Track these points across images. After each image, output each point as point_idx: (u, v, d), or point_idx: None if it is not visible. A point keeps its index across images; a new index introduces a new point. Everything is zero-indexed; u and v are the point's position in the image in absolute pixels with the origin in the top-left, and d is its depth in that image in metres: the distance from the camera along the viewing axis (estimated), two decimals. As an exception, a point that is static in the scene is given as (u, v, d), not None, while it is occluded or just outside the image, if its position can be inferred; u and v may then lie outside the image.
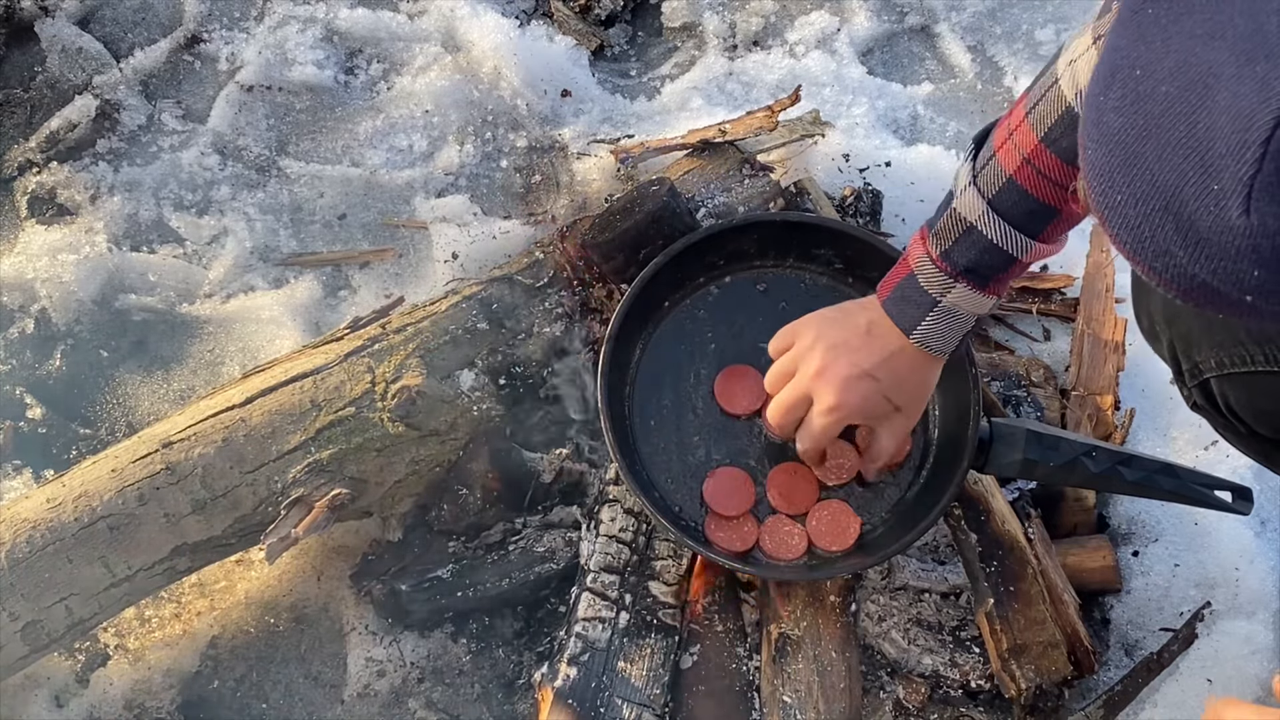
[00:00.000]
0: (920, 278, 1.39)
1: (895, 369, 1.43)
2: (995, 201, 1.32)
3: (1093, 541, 1.77)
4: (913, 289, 1.39)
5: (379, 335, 1.71)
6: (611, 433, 1.60)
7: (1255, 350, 1.34)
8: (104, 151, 2.17)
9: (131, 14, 2.31)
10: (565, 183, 2.07)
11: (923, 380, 1.47)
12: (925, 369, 1.46)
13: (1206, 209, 0.76)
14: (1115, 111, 0.81)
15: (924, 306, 1.39)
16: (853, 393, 1.44)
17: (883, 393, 1.44)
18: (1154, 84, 0.79)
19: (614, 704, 1.57)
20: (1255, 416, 1.40)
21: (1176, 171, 0.77)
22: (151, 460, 1.60)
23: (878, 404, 1.46)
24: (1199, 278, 0.80)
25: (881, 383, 1.43)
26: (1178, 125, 0.77)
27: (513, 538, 1.72)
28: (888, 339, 1.42)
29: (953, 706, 1.65)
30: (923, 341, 1.40)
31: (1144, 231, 0.81)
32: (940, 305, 1.38)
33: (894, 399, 1.46)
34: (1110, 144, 0.82)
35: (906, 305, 1.40)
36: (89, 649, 1.74)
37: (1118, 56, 0.82)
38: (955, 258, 1.35)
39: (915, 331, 1.40)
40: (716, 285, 1.75)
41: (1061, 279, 2.00)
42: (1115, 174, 0.81)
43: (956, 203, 1.35)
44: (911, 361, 1.43)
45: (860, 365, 1.43)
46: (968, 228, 1.34)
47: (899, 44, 2.36)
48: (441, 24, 2.26)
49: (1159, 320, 1.44)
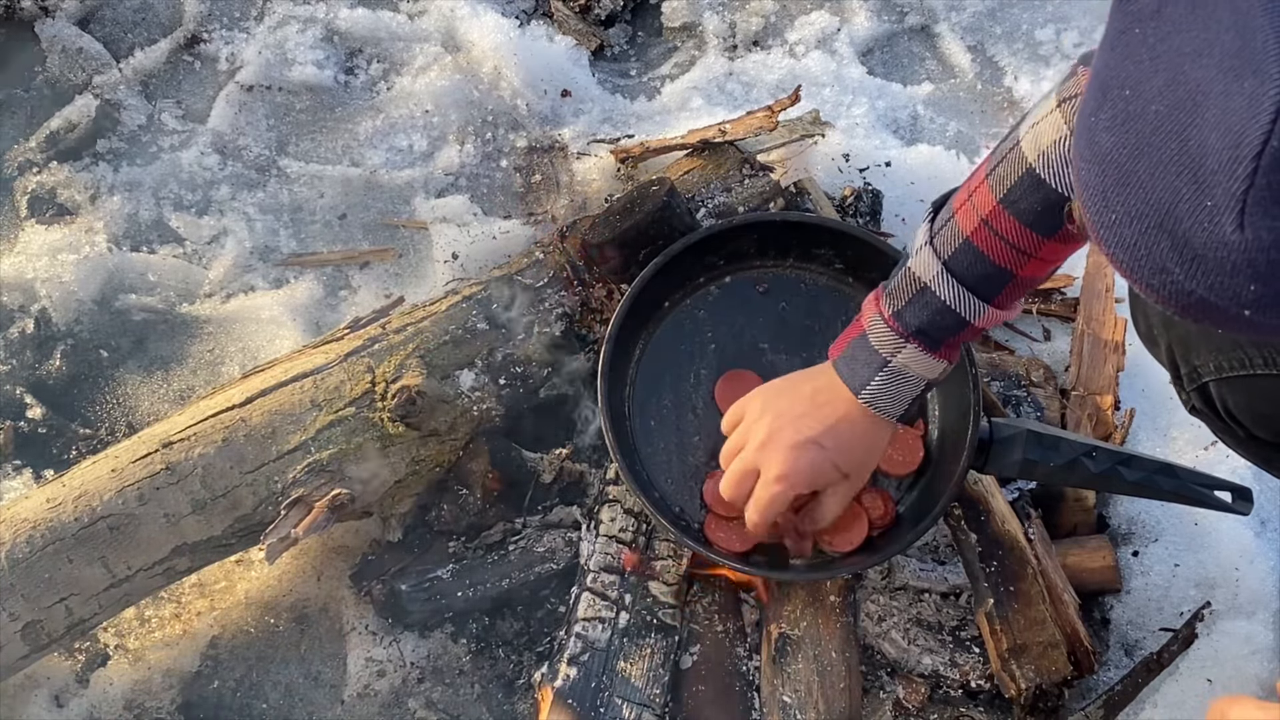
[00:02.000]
0: (871, 337, 1.38)
1: (841, 435, 1.42)
2: (950, 263, 1.31)
3: (1093, 541, 1.77)
4: (863, 349, 1.39)
5: (379, 335, 1.71)
6: (611, 433, 1.60)
7: (1254, 354, 1.34)
8: (104, 151, 2.17)
9: (131, 14, 2.31)
10: (565, 183, 2.07)
11: (870, 445, 1.46)
12: (873, 434, 1.44)
13: (1201, 225, 0.77)
14: (1107, 131, 0.81)
15: (874, 366, 1.38)
16: (799, 461, 1.43)
17: (830, 459, 1.43)
18: (1144, 103, 0.79)
19: (614, 704, 1.57)
20: (1254, 420, 1.40)
21: (1170, 189, 0.78)
22: (151, 460, 1.60)
23: (825, 471, 1.44)
24: (1196, 294, 0.80)
25: (828, 449, 1.43)
26: (1169, 143, 0.77)
27: (513, 538, 1.72)
28: (835, 405, 1.42)
29: (953, 706, 1.65)
30: (871, 402, 1.40)
31: (1139, 249, 0.81)
32: (890, 365, 1.37)
33: (841, 465, 1.45)
34: (1103, 163, 0.82)
35: (856, 365, 1.40)
36: (89, 649, 1.74)
37: (1107, 76, 0.83)
38: (907, 318, 1.35)
39: (864, 391, 1.39)
40: (716, 285, 1.75)
41: (1061, 279, 2.00)
42: (1109, 193, 0.82)
43: (911, 263, 1.35)
44: (858, 427, 1.42)
45: (804, 433, 1.42)
46: (921, 288, 1.34)
47: (899, 44, 2.36)
48: (441, 24, 2.26)
49: (1157, 325, 1.44)
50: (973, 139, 2.21)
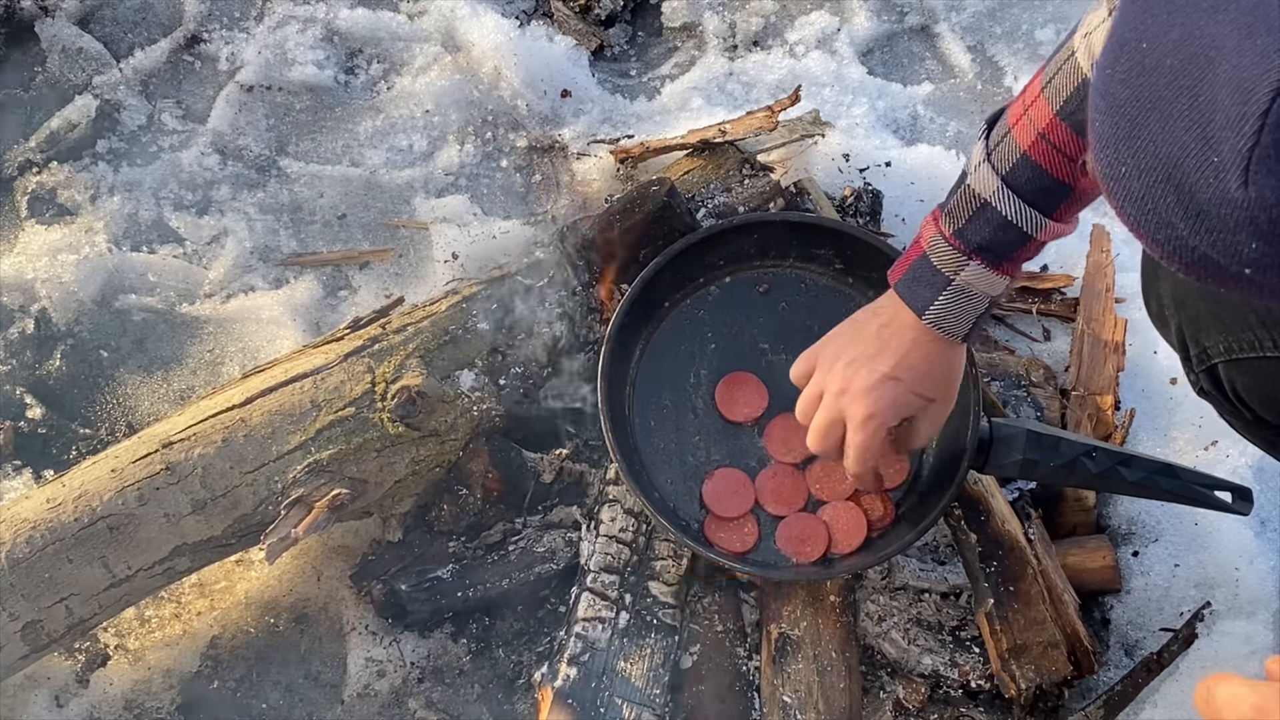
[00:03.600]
0: (933, 257, 1.37)
1: (915, 364, 1.42)
2: (1009, 178, 1.31)
3: (1093, 541, 1.77)
4: (925, 269, 1.38)
5: (379, 335, 1.71)
6: (611, 433, 1.60)
7: (1264, 336, 1.33)
8: (104, 151, 2.17)
9: (131, 14, 2.31)
10: (565, 183, 2.07)
11: (946, 368, 1.45)
12: (946, 356, 1.44)
13: (1206, 181, 0.77)
14: (1122, 83, 0.82)
15: (937, 286, 1.38)
16: (880, 400, 1.43)
17: (909, 390, 1.43)
18: (1159, 56, 0.79)
19: (614, 704, 1.57)
20: (1262, 403, 1.40)
21: (1178, 143, 0.78)
22: (151, 460, 1.60)
23: (909, 402, 1.44)
24: (1199, 250, 0.80)
25: (904, 381, 1.43)
26: (1180, 97, 0.77)
27: (513, 538, 1.72)
28: (901, 336, 1.42)
29: (953, 706, 1.65)
30: (935, 323, 1.39)
31: (1147, 203, 0.81)
32: (953, 284, 1.37)
33: (923, 393, 1.45)
34: (1116, 115, 0.82)
35: (919, 286, 1.39)
36: (89, 649, 1.74)
37: (1125, 29, 0.83)
38: (969, 236, 1.35)
39: (928, 312, 1.39)
40: (716, 285, 1.75)
41: (1061, 279, 2.00)
42: (1120, 145, 0.82)
43: (970, 180, 1.34)
44: (929, 351, 1.42)
45: (879, 370, 1.42)
46: (981, 205, 1.33)
47: (899, 44, 2.36)
48: (441, 24, 2.26)
49: (1168, 304, 1.44)
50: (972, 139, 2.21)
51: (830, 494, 1.64)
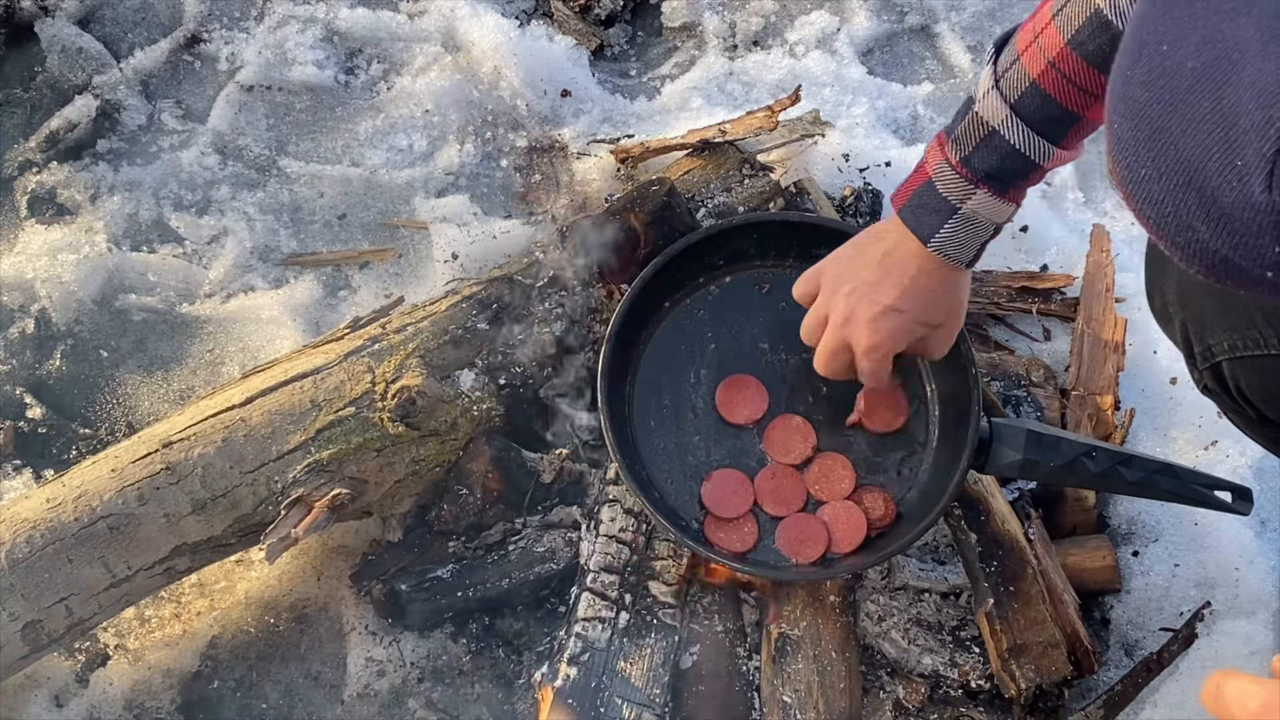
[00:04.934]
0: (939, 184, 1.37)
1: (918, 293, 1.42)
2: (1018, 106, 1.30)
3: (1093, 541, 1.77)
4: (931, 196, 1.38)
5: (379, 335, 1.71)
6: (611, 433, 1.60)
7: (1269, 333, 1.33)
8: (104, 151, 2.17)
9: (131, 14, 2.31)
10: (565, 183, 2.07)
11: (949, 294, 1.45)
12: (949, 282, 1.44)
13: (1229, 184, 0.76)
14: (1141, 86, 0.81)
15: (943, 214, 1.37)
16: (883, 329, 1.44)
17: (912, 319, 1.44)
18: (1180, 59, 0.78)
19: (614, 704, 1.57)
20: (1265, 400, 1.40)
21: (1200, 146, 0.77)
22: (151, 460, 1.60)
23: (912, 330, 1.45)
24: (1220, 253, 0.79)
25: (907, 311, 1.43)
26: (1202, 100, 0.77)
27: (513, 538, 1.72)
28: (905, 265, 1.41)
29: (953, 706, 1.65)
30: (941, 249, 1.38)
31: (1167, 206, 0.81)
32: (960, 212, 1.36)
33: (927, 320, 1.45)
34: (1136, 118, 0.82)
35: (924, 213, 1.38)
36: (89, 649, 1.74)
37: (1144, 31, 0.82)
38: (976, 164, 1.34)
39: (934, 239, 1.38)
40: (716, 285, 1.75)
41: (1061, 279, 2.00)
42: (1140, 148, 0.81)
43: (978, 106, 1.33)
44: (932, 280, 1.42)
45: (881, 300, 1.43)
46: (989, 132, 1.32)
47: (899, 44, 2.36)
48: (441, 24, 2.26)
49: (1172, 301, 1.43)
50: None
51: (829, 494, 1.64)
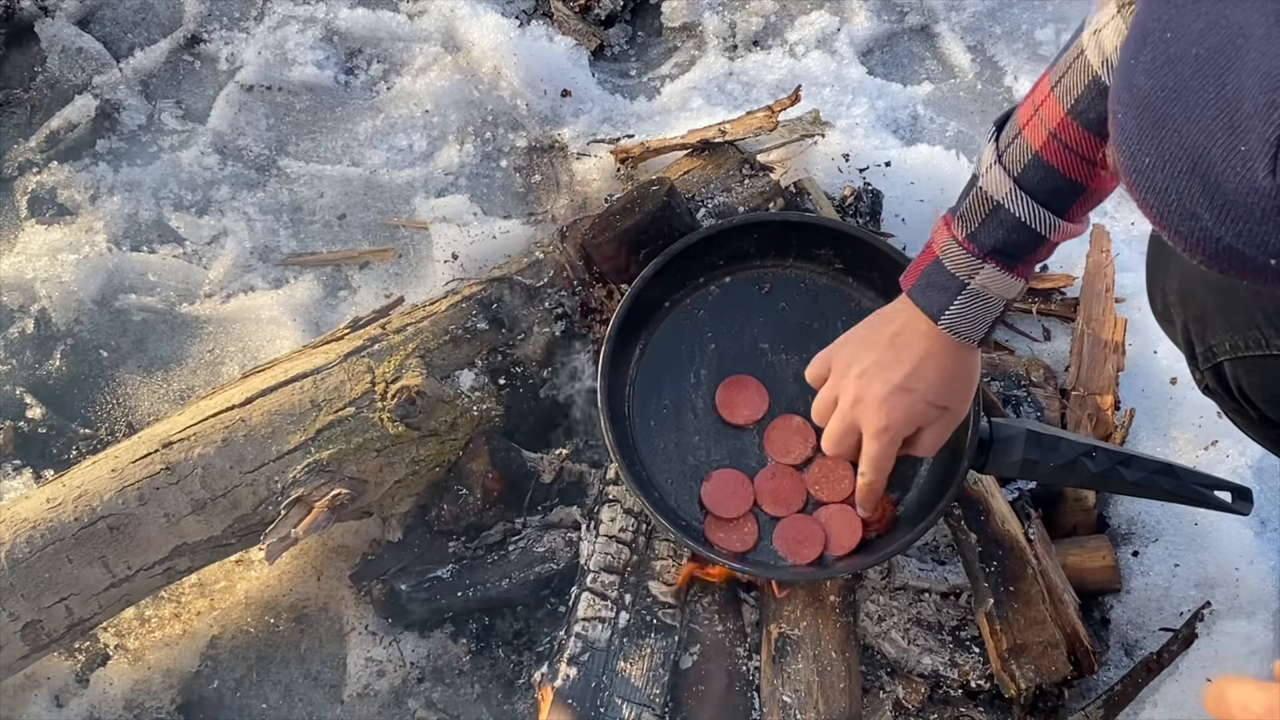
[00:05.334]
0: (946, 261, 1.37)
1: (928, 374, 1.42)
2: (1021, 179, 1.31)
3: (1093, 541, 1.77)
4: (939, 274, 1.38)
5: (379, 335, 1.71)
6: (611, 433, 1.60)
7: (1271, 334, 1.33)
8: (104, 151, 2.17)
9: (131, 14, 2.31)
10: (565, 183, 2.07)
11: (961, 375, 1.45)
12: (959, 362, 1.44)
13: (1233, 170, 0.76)
14: (1145, 74, 0.81)
15: (951, 290, 1.37)
16: (894, 411, 1.44)
17: (922, 400, 1.44)
18: (1184, 46, 0.78)
19: (614, 704, 1.57)
20: (1267, 401, 1.40)
21: (1205, 133, 0.77)
22: (151, 460, 1.60)
23: (922, 412, 1.45)
24: (1224, 241, 0.79)
25: (917, 391, 1.43)
26: (1206, 87, 0.77)
27: (513, 538, 1.72)
28: (915, 344, 1.42)
29: (953, 706, 1.65)
30: (952, 327, 1.39)
31: (1171, 194, 0.80)
32: (969, 288, 1.37)
33: (936, 402, 1.45)
34: (1140, 106, 0.81)
35: (933, 291, 1.39)
36: (89, 649, 1.74)
37: (1148, 19, 0.82)
38: (982, 238, 1.34)
39: (944, 317, 1.38)
40: (716, 285, 1.75)
41: (1061, 279, 2.00)
42: (1144, 136, 0.81)
43: (982, 182, 1.34)
44: (943, 359, 1.42)
45: (892, 381, 1.43)
46: (995, 206, 1.33)
47: (899, 44, 2.36)
48: (441, 24, 2.26)
49: (1174, 302, 1.43)
50: (973, 139, 2.21)
51: (830, 495, 1.64)
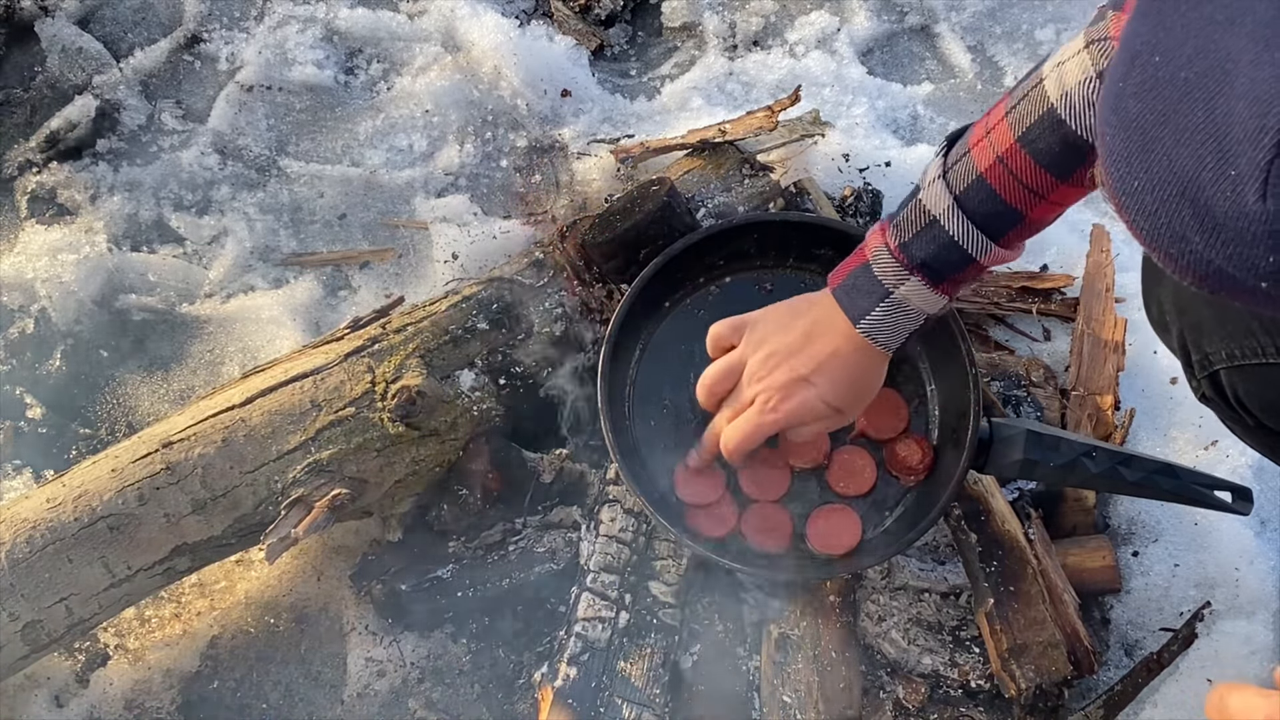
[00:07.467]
0: (875, 267, 1.39)
1: (833, 371, 1.44)
2: (962, 198, 1.32)
3: (1093, 541, 1.77)
4: (865, 279, 1.40)
5: (379, 335, 1.71)
6: (611, 433, 1.60)
7: (1266, 342, 1.33)
8: (104, 151, 2.17)
9: (131, 14, 2.31)
10: (565, 183, 2.07)
11: (862, 380, 1.46)
12: (865, 367, 1.45)
13: (1223, 194, 0.76)
14: (1134, 97, 0.81)
15: (875, 296, 1.39)
16: (789, 400, 1.45)
17: (820, 397, 1.45)
18: (1173, 70, 0.78)
19: (614, 704, 1.57)
20: (1263, 408, 1.40)
21: (1194, 157, 0.77)
22: (151, 460, 1.60)
23: (815, 408, 1.46)
24: (1214, 264, 0.79)
25: (818, 387, 1.44)
26: (1196, 111, 0.76)
27: (513, 538, 1.72)
28: (828, 339, 1.43)
29: (953, 706, 1.65)
30: (869, 332, 1.40)
31: (1160, 217, 0.80)
32: (892, 297, 1.38)
33: (831, 402, 1.46)
34: (1129, 129, 0.81)
35: (857, 295, 1.40)
36: (89, 649, 1.74)
37: (1137, 42, 0.82)
38: (914, 250, 1.35)
39: (863, 321, 1.40)
40: (716, 285, 1.75)
41: (1061, 279, 2.00)
42: (1133, 159, 0.81)
43: (922, 195, 1.35)
44: (850, 360, 1.43)
45: (797, 370, 1.44)
46: (930, 221, 1.34)
47: (899, 44, 2.36)
48: (441, 24, 2.27)
49: (1169, 310, 1.44)
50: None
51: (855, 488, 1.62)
